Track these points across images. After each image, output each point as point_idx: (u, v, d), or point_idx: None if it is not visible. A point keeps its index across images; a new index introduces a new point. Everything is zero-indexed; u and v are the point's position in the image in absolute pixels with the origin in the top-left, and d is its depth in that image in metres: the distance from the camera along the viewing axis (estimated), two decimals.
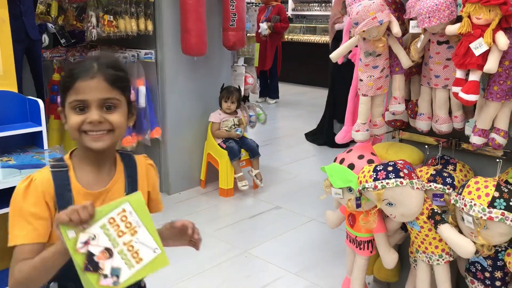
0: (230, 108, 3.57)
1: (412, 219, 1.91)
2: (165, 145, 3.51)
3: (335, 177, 2.07)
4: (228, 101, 3.56)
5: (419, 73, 2.14)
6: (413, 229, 1.95)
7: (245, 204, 3.49)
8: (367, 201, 2.00)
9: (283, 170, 4.22)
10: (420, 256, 1.97)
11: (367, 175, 1.91)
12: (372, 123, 2.15)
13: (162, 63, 3.36)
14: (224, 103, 3.57)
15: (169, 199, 3.48)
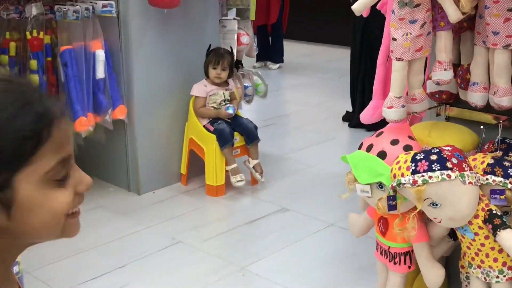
0: (220, 77, 3.57)
1: (463, 224, 1.94)
2: (132, 129, 3.52)
3: (361, 169, 2.10)
4: (217, 68, 3.56)
5: (472, 29, 2.14)
6: (465, 237, 1.98)
7: (241, 206, 3.51)
8: (403, 200, 2.02)
9: (290, 159, 4.24)
10: (474, 272, 2.00)
11: (404, 167, 1.93)
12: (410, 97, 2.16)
13: (126, 18, 3.35)
14: (212, 70, 3.57)
15: (139, 201, 3.51)
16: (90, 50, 3.22)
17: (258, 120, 4.70)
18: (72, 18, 3.14)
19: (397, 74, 2.09)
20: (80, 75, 3.20)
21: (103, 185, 3.70)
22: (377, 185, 2.07)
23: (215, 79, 3.56)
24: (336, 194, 3.39)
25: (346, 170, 2.23)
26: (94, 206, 3.41)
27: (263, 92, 4.19)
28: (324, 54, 8.19)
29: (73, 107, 3.17)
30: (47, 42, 3.22)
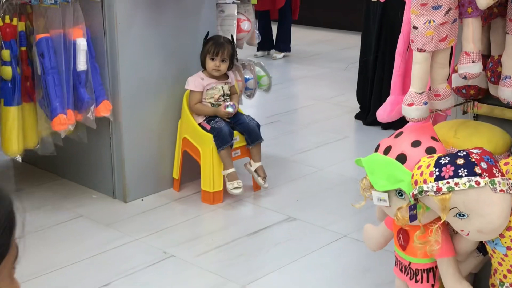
0: (219, 70, 3.58)
1: (494, 237, 1.95)
2: (118, 127, 3.54)
3: (378, 174, 2.10)
4: (216, 59, 3.57)
5: (504, 16, 2.15)
6: (496, 251, 1.99)
7: (242, 215, 3.53)
8: (426, 210, 2.03)
9: (297, 161, 4.25)
10: None
11: (426, 172, 1.94)
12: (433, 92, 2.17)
13: (111, 2, 3.36)
14: (209, 61, 3.58)
15: (125, 210, 3.52)
16: (70, 38, 3.23)
17: (261, 117, 4.73)
18: (50, 3, 3.15)
19: (419, 66, 2.10)
20: (58, 66, 3.21)
21: (84, 191, 3.72)
22: (396, 192, 2.08)
23: (213, 71, 3.58)
24: (349, 201, 3.42)
25: (361, 173, 2.24)
26: (75, 215, 3.43)
27: (266, 85, 4.20)
28: (336, 41, 8.22)
29: (51, 103, 3.19)
30: (21, 29, 3.23)
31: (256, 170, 3.67)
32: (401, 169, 2.06)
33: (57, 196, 3.65)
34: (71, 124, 3.28)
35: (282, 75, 6.40)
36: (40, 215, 3.42)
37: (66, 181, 3.84)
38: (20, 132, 3.27)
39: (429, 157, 2.00)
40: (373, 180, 2.11)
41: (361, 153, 4.21)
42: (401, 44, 2.39)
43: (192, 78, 3.61)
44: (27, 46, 3.26)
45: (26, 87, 3.29)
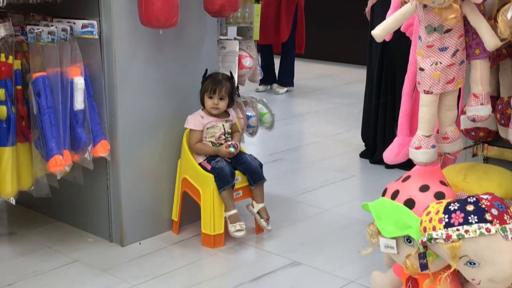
0: (218, 108, 3.64)
1: (506, 286, 1.97)
2: (115, 168, 3.58)
3: (386, 220, 2.13)
4: (214, 97, 3.63)
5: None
6: None
7: (244, 260, 3.54)
8: (435, 258, 2.05)
9: (301, 202, 4.27)
10: None
11: (435, 219, 1.96)
12: (441, 135, 2.21)
13: (110, 40, 3.43)
14: (208, 100, 3.64)
15: (122, 254, 3.54)
16: (67, 77, 3.27)
17: (264, 155, 4.77)
18: (47, 41, 3.20)
19: (426, 109, 2.14)
20: (55, 106, 3.24)
21: (80, 234, 3.74)
22: (404, 239, 2.10)
23: (212, 110, 3.63)
24: (356, 244, 3.44)
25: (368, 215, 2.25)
26: (69, 260, 3.44)
27: (269, 123, 4.24)
28: (341, 75, 8.29)
29: (47, 143, 3.22)
30: (17, 68, 3.27)
31: (259, 212, 3.69)
32: (409, 214, 2.09)
33: (52, 239, 3.67)
34: (67, 165, 3.30)
35: (285, 111, 6.46)
36: (34, 260, 3.44)
37: (61, 224, 3.86)
38: (14, 173, 3.30)
39: (438, 203, 2.03)
40: (380, 226, 2.13)
41: (368, 194, 4.27)
42: (408, 84, 2.44)
43: (192, 117, 3.66)
44: (23, 85, 3.31)
45: (21, 127, 3.33)
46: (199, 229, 3.65)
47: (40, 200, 3.58)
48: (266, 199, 3.76)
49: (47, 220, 3.92)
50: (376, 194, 2.46)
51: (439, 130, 2.23)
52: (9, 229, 3.85)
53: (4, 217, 4.04)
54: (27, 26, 3.27)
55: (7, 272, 3.31)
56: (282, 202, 4.24)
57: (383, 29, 2.20)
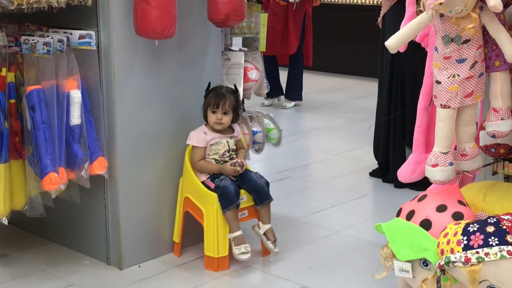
0: (221, 123, 3.62)
1: None
2: (114, 186, 3.55)
3: (400, 242, 2.10)
4: (217, 111, 3.61)
5: None
6: None
7: (249, 284, 3.51)
8: (454, 282, 2.02)
9: (310, 223, 4.24)
10: None
11: (453, 241, 1.93)
12: (459, 152, 2.18)
13: (109, 51, 3.41)
14: (211, 115, 3.62)
15: (121, 278, 3.51)
16: (63, 90, 3.25)
17: (270, 173, 4.74)
18: (42, 52, 3.19)
19: (443, 124, 2.12)
20: (50, 121, 3.23)
21: (76, 257, 3.72)
22: (420, 262, 2.08)
23: (215, 125, 3.61)
24: (369, 268, 3.41)
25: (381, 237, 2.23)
26: (65, 284, 3.42)
27: (276, 139, 4.22)
28: (352, 88, 8.29)
29: (41, 160, 3.20)
30: (11, 80, 3.27)
31: (265, 233, 3.66)
32: (425, 236, 2.06)
33: (46, 262, 3.64)
34: (63, 184, 3.28)
35: (293, 126, 6.43)
36: (27, 284, 3.41)
37: (56, 246, 3.84)
38: (7, 192, 3.28)
39: (456, 224, 2.00)
40: (395, 249, 2.11)
41: (382, 214, 4.25)
42: (423, 98, 2.42)
43: (194, 133, 3.64)
44: (17, 99, 3.29)
45: (14, 143, 3.31)
46: (202, 251, 3.63)
47: (34, 220, 3.56)
48: (273, 220, 3.74)
49: (41, 241, 3.90)
50: (390, 215, 2.43)
51: (457, 146, 2.21)
52: (1, 251, 3.82)
53: None
54: (22, 37, 3.26)
55: None
56: (290, 223, 4.21)
57: (397, 39, 2.18)
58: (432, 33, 2.32)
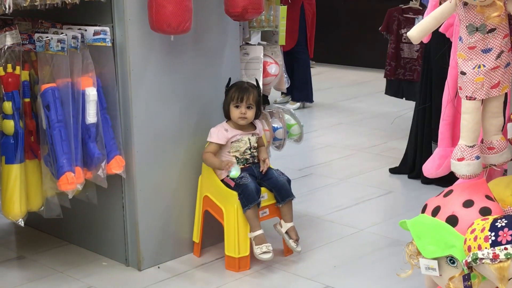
0: (246, 117, 3.62)
1: None
2: (131, 185, 3.58)
3: (426, 239, 2.10)
4: (241, 105, 3.62)
5: None
6: None
7: (271, 284, 3.52)
8: (482, 280, 2.02)
9: (333, 221, 4.24)
10: None
11: (481, 237, 1.93)
12: (486, 145, 2.18)
13: (124, 47, 3.44)
14: (234, 110, 3.63)
15: (139, 279, 3.54)
16: (78, 88, 3.29)
17: (292, 170, 4.75)
18: (56, 49, 3.23)
19: (469, 117, 2.12)
20: (66, 119, 3.27)
21: (94, 258, 3.75)
22: (447, 260, 2.08)
23: (239, 120, 3.62)
24: (394, 267, 3.39)
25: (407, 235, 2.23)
26: (82, 286, 3.46)
27: (297, 135, 4.23)
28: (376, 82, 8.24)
29: (57, 160, 3.24)
30: (25, 79, 3.31)
31: (288, 232, 3.67)
32: (452, 233, 2.06)
33: (64, 264, 3.68)
34: (79, 183, 3.31)
35: (315, 121, 6.44)
36: (45, 286, 3.46)
37: (73, 247, 3.88)
38: (23, 193, 3.32)
39: (484, 219, 2.00)
40: (420, 246, 2.11)
41: (407, 211, 4.24)
42: (448, 90, 2.42)
43: (215, 130, 3.66)
44: (31, 97, 3.34)
45: (29, 143, 3.36)
46: (223, 251, 3.65)
47: (51, 221, 3.60)
48: (295, 218, 3.75)
49: (58, 242, 3.94)
50: (416, 212, 2.43)
51: (484, 139, 2.20)
52: (18, 253, 3.87)
53: (12, 240, 4.07)
54: (35, 34, 3.30)
55: None
56: (313, 221, 4.22)
57: (420, 29, 2.18)
58: (457, 22, 2.32)
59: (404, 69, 5.57)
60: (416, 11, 5.49)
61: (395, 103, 6.55)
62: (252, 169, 3.68)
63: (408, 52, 5.54)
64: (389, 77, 5.69)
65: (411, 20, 5.44)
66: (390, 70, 5.66)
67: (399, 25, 5.54)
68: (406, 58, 5.54)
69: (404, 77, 5.59)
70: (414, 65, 5.50)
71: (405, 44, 5.52)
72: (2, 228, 4.14)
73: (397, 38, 5.56)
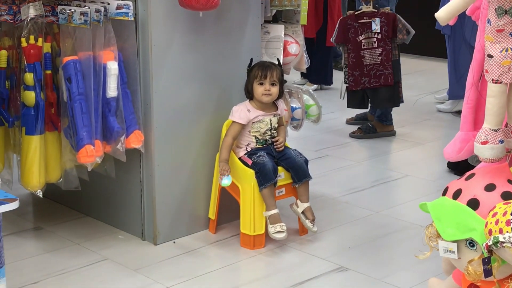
0: (270, 94, 3.60)
1: None
2: (149, 161, 3.59)
3: (446, 222, 2.10)
4: (265, 82, 3.60)
5: None
6: None
7: (286, 263, 3.52)
8: (501, 264, 2.01)
9: (349, 202, 4.24)
10: None
11: (502, 220, 1.93)
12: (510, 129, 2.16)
13: (146, 22, 3.44)
14: (258, 87, 3.61)
15: (155, 253, 3.56)
16: (100, 62, 3.29)
17: (308, 151, 4.75)
18: (79, 22, 3.23)
19: (494, 100, 2.10)
20: (87, 92, 3.28)
21: (110, 231, 3.78)
22: (466, 243, 2.07)
23: (264, 97, 3.60)
24: (410, 250, 3.41)
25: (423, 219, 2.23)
26: (99, 258, 3.48)
27: (315, 116, 4.22)
28: None
29: (77, 132, 3.25)
30: (47, 51, 3.32)
31: (304, 212, 3.68)
32: (472, 216, 2.06)
33: (80, 236, 3.71)
34: (99, 156, 3.33)
35: (333, 103, 6.39)
36: (61, 257, 3.48)
37: (90, 220, 3.91)
38: (42, 164, 3.34)
39: (506, 203, 1.99)
40: (440, 228, 2.11)
41: (425, 195, 4.23)
42: (473, 73, 2.40)
43: (238, 108, 3.64)
44: (53, 70, 3.35)
45: (50, 115, 3.37)
46: (238, 228, 3.66)
47: (69, 194, 3.63)
48: (311, 199, 3.75)
49: (76, 215, 3.97)
50: (433, 196, 2.43)
51: (508, 123, 2.19)
52: (35, 224, 3.90)
53: (30, 211, 4.10)
54: (58, 6, 3.31)
55: (33, 269, 3.35)
56: (328, 202, 4.22)
57: (448, 11, 2.16)
58: (484, 5, 2.30)
59: (369, 77, 5.23)
60: (370, 14, 5.18)
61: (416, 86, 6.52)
62: (270, 148, 3.68)
63: (370, 58, 5.20)
64: (354, 88, 5.31)
65: (367, 25, 5.15)
66: (354, 81, 5.29)
67: (356, 32, 5.27)
68: (369, 64, 5.20)
69: (370, 85, 5.26)
70: (378, 70, 5.21)
71: (366, 50, 5.18)
72: (20, 198, 4.06)
73: (357, 46, 5.21)
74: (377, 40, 5.13)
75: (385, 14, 5.13)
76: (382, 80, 5.18)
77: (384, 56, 5.14)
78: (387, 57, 5.14)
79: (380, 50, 5.14)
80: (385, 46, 5.13)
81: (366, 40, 5.14)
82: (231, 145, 3.62)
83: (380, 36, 5.12)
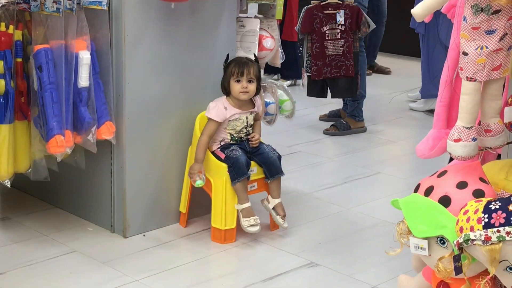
0: (247, 91, 3.56)
1: None
2: (120, 152, 3.56)
3: (417, 218, 2.10)
4: (242, 79, 3.57)
5: None
6: None
7: (256, 258, 3.52)
8: (471, 261, 2.02)
9: (321, 198, 4.24)
10: None
11: (474, 218, 1.93)
12: (483, 128, 2.17)
13: (120, 12, 3.40)
14: (235, 84, 3.57)
15: (124, 246, 3.53)
16: (72, 51, 3.25)
17: (281, 146, 4.72)
18: (52, 10, 3.19)
19: (468, 98, 2.11)
20: (58, 82, 3.24)
21: (79, 223, 3.74)
22: (437, 240, 2.07)
23: (241, 95, 3.57)
24: (380, 246, 3.41)
25: (397, 216, 2.23)
26: (67, 250, 3.44)
27: (289, 111, 4.21)
28: None
29: (47, 122, 3.20)
30: (18, 38, 3.26)
31: (275, 208, 3.67)
32: (444, 213, 2.06)
33: (49, 227, 3.66)
34: (69, 147, 3.29)
35: (307, 99, 6.38)
36: (29, 248, 3.43)
37: (59, 211, 3.86)
38: (10, 154, 3.29)
39: (477, 201, 1.99)
40: (411, 225, 2.11)
41: (395, 193, 4.24)
42: (447, 71, 2.41)
43: (214, 105, 3.60)
44: (24, 58, 3.30)
45: (19, 103, 3.32)
46: (209, 222, 3.64)
47: (37, 184, 3.58)
48: (283, 195, 3.75)
49: (44, 206, 3.92)
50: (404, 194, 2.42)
51: (481, 121, 2.20)
52: (2, 214, 3.85)
53: None
54: None
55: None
56: (300, 199, 4.22)
57: (424, 8, 2.16)
58: (460, 3, 2.31)
59: (330, 67, 5.20)
60: (335, 6, 5.14)
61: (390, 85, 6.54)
62: (244, 143, 3.66)
63: (333, 49, 5.19)
64: (317, 77, 5.28)
65: (332, 16, 5.12)
66: (317, 71, 5.27)
67: (320, 23, 5.25)
68: (332, 55, 5.20)
69: (331, 75, 5.24)
70: (340, 61, 5.19)
71: (329, 41, 5.15)
72: None
73: (321, 37, 5.17)
74: (340, 31, 5.15)
75: (350, 6, 5.15)
76: (343, 70, 5.19)
77: (347, 48, 5.16)
78: (349, 48, 5.15)
79: (342, 41, 5.16)
80: (348, 38, 5.15)
81: (330, 31, 5.16)
82: (207, 145, 3.59)
83: (343, 28, 5.14)
